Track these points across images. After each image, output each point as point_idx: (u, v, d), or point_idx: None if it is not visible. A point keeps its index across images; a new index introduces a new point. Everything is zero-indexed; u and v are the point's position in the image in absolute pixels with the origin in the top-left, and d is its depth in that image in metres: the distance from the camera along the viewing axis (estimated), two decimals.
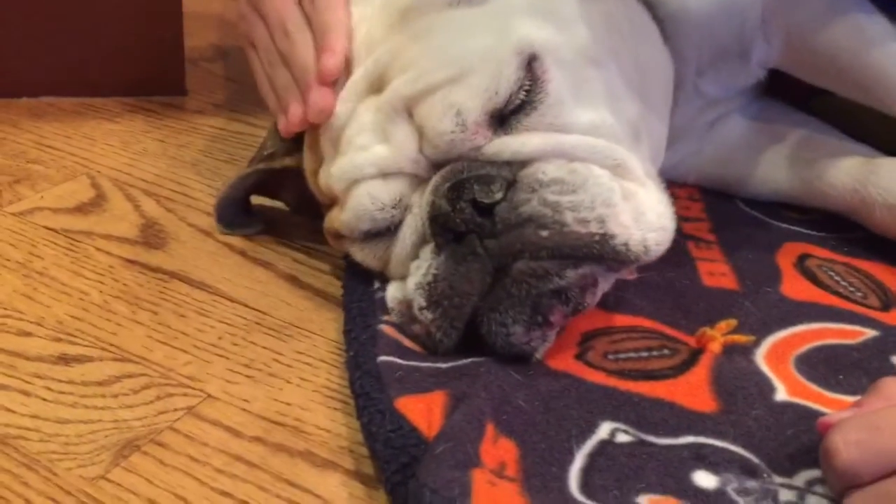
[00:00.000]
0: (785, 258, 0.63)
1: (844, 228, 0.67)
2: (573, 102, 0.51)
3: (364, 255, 0.55)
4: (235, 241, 0.65)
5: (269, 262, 0.63)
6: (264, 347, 0.55)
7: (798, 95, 0.73)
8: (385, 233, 0.54)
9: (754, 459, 0.45)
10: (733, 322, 0.54)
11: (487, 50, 0.50)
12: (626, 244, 0.48)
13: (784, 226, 0.68)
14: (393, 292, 0.54)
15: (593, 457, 0.45)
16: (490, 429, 0.45)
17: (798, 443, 0.46)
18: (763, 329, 0.55)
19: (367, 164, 0.52)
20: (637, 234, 0.49)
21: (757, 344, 0.54)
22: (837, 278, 0.61)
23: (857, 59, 0.62)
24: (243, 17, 0.62)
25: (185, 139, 0.80)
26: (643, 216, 0.49)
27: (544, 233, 0.48)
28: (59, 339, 0.54)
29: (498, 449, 0.44)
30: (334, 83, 0.54)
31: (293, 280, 0.61)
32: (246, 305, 0.58)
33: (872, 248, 0.64)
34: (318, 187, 0.57)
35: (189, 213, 0.68)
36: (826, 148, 0.68)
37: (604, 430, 0.47)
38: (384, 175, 0.52)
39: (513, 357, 0.50)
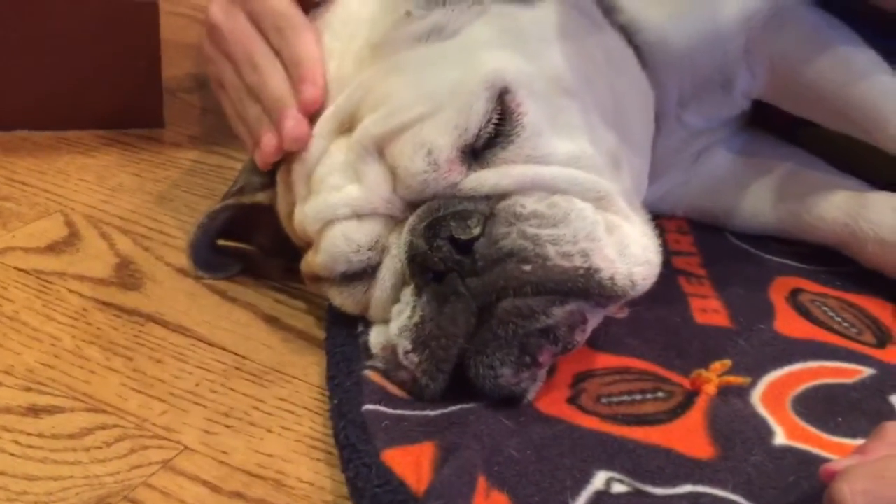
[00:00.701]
0: (777, 293, 0.62)
1: (835, 261, 0.66)
2: (550, 133, 0.50)
3: (343, 298, 0.53)
4: (215, 281, 0.63)
5: (249, 302, 0.61)
6: (244, 394, 0.53)
7: (784, 125, 0.72)
8: (363, 275, 0.52)
9: None
10: (728, 362, 0.53)
11: (456, 85, 0.49)
12: (611, 278, 0.47)
13: (775, 259, 0.67)
14: (376, 337, 0.52)
15: None
16: (482, 482, 0.43)
17: (799, 490, 0.45)
18: (758, 369, 0.54)
19: (341, 205, 0.51)
20: (623, 269, 0.47)
21: (753, 385, 0.52)
22: (831, 314, 0.60)
23: (842, 91, 0.62)
24: (209, 60, 0.61)
25: (162, 173, 0.78)
26: (628, 249, 0.48)
27: (527, 267, 0.46)
28: (28, 389, 0.52)
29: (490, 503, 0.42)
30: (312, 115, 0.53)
31: (274, 322, 0.59)
32: (225, 349, 0.56)
33: (864, 282, 0.63)
34: (293, 229, 0.55)
35: (166, 252, 0.66)
36: (815, 181, 0.67)
37: (599, 479, 0.45)
38: (359, 216, 0.51)
39: (503, 400, 0.49)
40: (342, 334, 0.54)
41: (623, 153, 0.54)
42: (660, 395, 0.51)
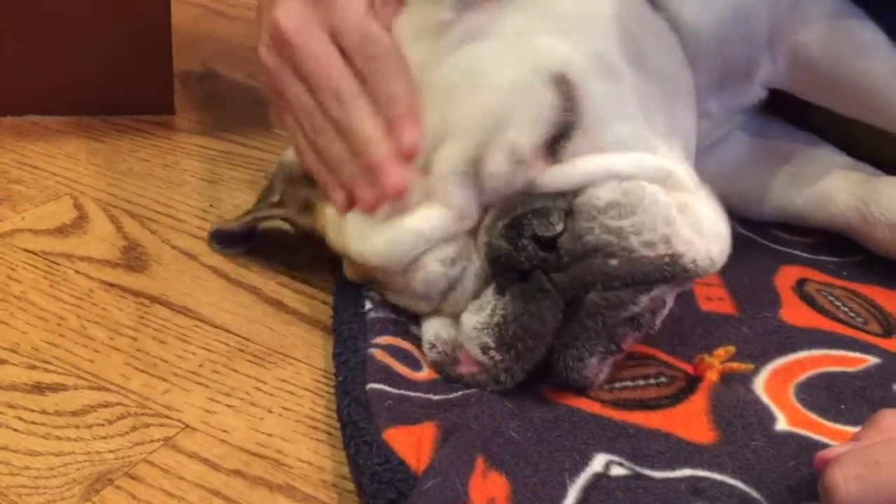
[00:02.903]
0: (783, 282, 0.62)
1: (842, 252, 0.65)
2: (609, 117, 0.50)
3: (417, 301, 0.52)
4: (220, 264, 0.63)
5: (254, 286, 0.61)
6: (246, 375, 0.53)
7: (794, 111, 0.72)
8: None
9: (754, 493, 0.43)
10: (731, 349, 0.52)
11: (517, 81, 0.48)
12: (694, 261, 0.47)
13: (781, 248, 0.67)
14: (435, 328, 0.52)
15: (587, 491, 0.43)
16: (480, 463, 0.43)
17: (799, 475, 0.44)
18: (762, 356, 0.53)
19: (430, 238, 0.49)
20: (701, 248, 0.47)
21: (756, 372, 0.52)
22: (838, 303, 0.60)
23: (861, 79, 0.61)
24: (272, 73, 0.55)
25: (172, 159, 0.78)
26: (702, 226, 0.48)
27: (614, 261, 0.46)
28: (33, 367, 0.52)
29: (488, 484, 0.42)
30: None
31: (278, 305, 0.59)
32: (228, 331, 0.56)
33: (871, 272, 0.63)
34: (345, 250, 0.53)
35: (173, 235, 0.66)
36: (827, 166, 0.66)
37: (598, 462, 0.45)
38: (447, 247, 0.50)
39: (565, 387, 0.49)
40: (349, 312, 0.54)
41: (674, 133, 0.53)
42: (662, 380, 0.51)
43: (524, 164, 0.48)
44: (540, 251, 0.47)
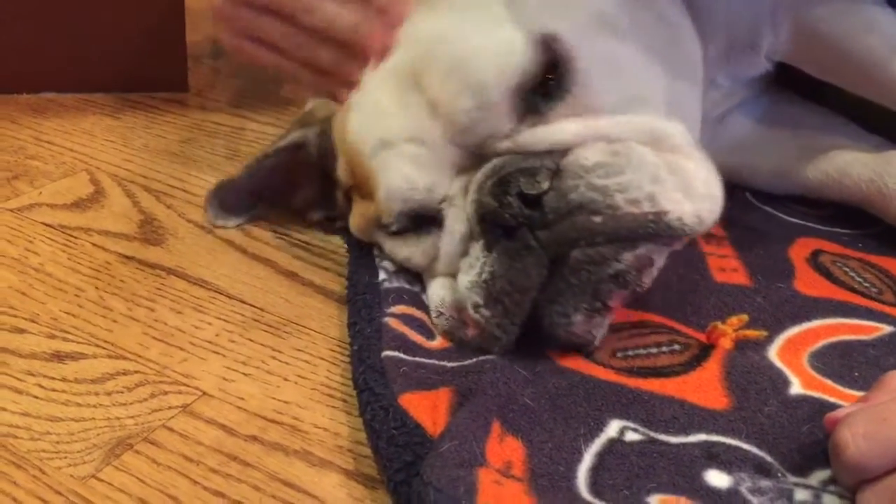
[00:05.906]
0: (798, 253, 0.62)
1: (858, 224, 0.65)
2: (604, 79, 0.50)
3: (410, 251, 0.54)
4: (235, 237, 0.64)
5: (268, 258, 0.62)
6: (262, 344, 0.53)
7: (810, 86, 0.71)
8: (430, 226, 0.53)
9: (768, 458, 0.44)
10: (745, 317, 0.53)
11: (503, 40, 0.49)
12: (680, 218, 0.47)
13: (796, 220, 0.67)
14: (440, 293, 0.52)
15: (602, 456, 0.43)
16: (496, 427, 0.43)
17: (813, 439, 0.45)
18: (776, 325, 0.53)
19: (387, 127, 0.52)
20: (689, 207, 0.48)
21: (770, 340, 0.52)
22: (852, 274, 0.60)
23: (864, 52, 0.61)
24: (230, 18, 0.61)
25: (187, 135, 0.79)
26: (691, 187, 0.48)
27: (598, 218, 0.47)
28: (53, 336, 0.53)
29: (504, 448, 0.42)
30: None
31: (293, 276, 0.60)
32: (244, 302, 0.57)
33: (887, 243, 0.63)
34: (351, 164, 0.56)
35: (188, 209, 0.67)
36: (841, 139, 0.66)
37: (613, 428, 0.45)
38: (415, 160, 0.51)
39: (567, 348, 0.50)
40: (363, 282, 0.55)
41: (675, 94, 0.54)
42: (675, 347, 0.51)
43: (491, 109, 0.48)
44: (525, 209, 0.47)
